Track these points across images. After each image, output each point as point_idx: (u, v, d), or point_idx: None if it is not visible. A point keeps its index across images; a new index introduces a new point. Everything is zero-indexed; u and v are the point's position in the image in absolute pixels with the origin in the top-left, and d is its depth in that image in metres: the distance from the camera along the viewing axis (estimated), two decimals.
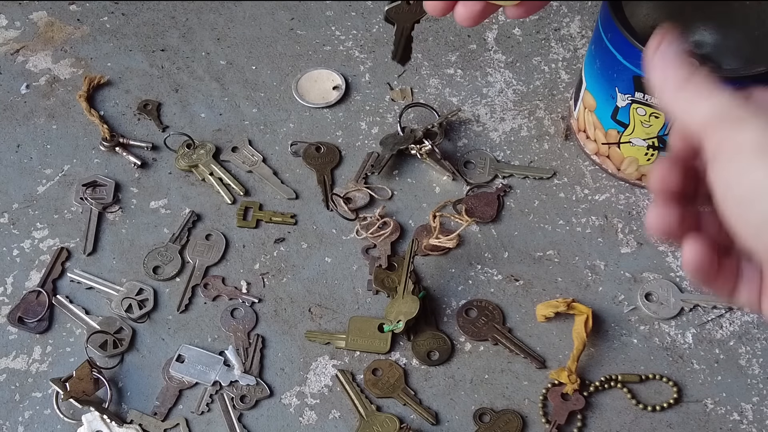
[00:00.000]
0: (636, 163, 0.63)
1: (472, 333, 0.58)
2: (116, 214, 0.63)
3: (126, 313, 0.58)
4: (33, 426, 0.54)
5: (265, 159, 0.66)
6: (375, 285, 0.59)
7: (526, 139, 0.68)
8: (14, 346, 0.57)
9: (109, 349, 0.57)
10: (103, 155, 0.66)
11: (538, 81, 0.71)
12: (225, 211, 0.64)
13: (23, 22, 0.74)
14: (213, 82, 0.71)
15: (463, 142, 0.68)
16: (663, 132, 0.59)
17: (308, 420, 0.55)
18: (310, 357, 0.57)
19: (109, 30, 0.73)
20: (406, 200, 0.65)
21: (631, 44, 0.56)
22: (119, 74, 0.71)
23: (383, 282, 0.59)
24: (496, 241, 0.62)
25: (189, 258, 0.61)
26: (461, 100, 0.70)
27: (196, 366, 0.56)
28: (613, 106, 0.60)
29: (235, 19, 0.75)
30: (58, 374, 0.55)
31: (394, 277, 0.59)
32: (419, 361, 0.57)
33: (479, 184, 0.65)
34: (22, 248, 0.61)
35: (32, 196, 0.64)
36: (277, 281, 0.60)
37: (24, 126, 0.67)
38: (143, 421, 0.54)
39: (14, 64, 0.71)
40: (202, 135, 0.67)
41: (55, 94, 0.69)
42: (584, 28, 0.74)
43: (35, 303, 0.59)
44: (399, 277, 0.58)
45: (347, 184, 0.65)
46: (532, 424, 0.55)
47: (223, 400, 0.55)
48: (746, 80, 0.55)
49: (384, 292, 0.59)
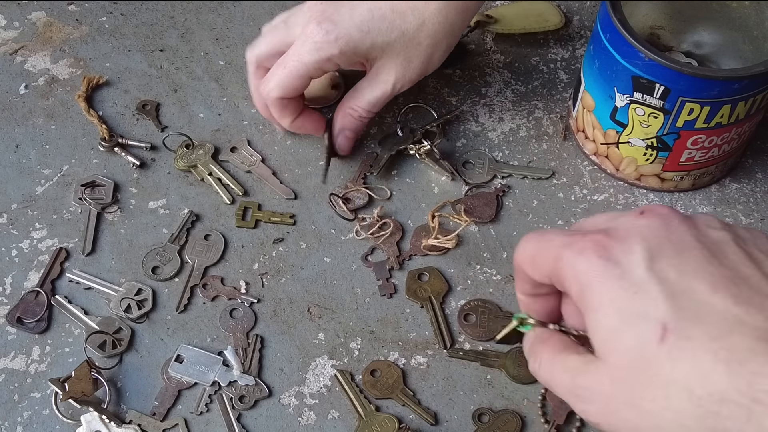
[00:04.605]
0: (635, 163, 0.63)
1: (472, 333, 0.58)
2: (115, 214, 0.63)
3: (125, 313, 0.58)
4: (32, 426, 0.54)
5: (264, 159, 0.66)
6: (407, 295, 0.60)
7: (524, 139, 0.68)
8: (13, 347, 0.57)
9: (108, 349, 0.57)
10: (101, 155, 0.66)
11: (536, 81, 0.71)
12: (224, 211, 0.64)
13: (22, 22, 0.74)
14: (212, 82, 0.70)
15: (461, 142, 0.68)
16: (662, 132, 0.59)
17: (307, 420, 0.55)
18: (309, 357, 0.57)
19: (107, 30, 0.73)
20: (404, 200, 0.65)
21: (630, 44, 0.56)
22: (118, 74, 0.71)
23: (416, 293, 0.60)
24: (495, 241, 0.62)
25: (188, 258, 0.61)
26: (460, 100, 0.70)
27: (195, 366, 0.56)
28: (611, 106, 0.60)
29: (233, 19, 0.75)
30: (57, 374, 0.55)
31: (426, 287, 0.60)
32: None
33: (478, 184, 0.65)
34: (20, 248, 0.61)
35: (31, 196, 0.64)
36: (276, 281, 0.60)
37: (23, 126, 0.67)
38: (142, 421, 0.54)
39: (13, 65, 0.71)
40: (200, 135, 0.67)
41: (53, 94, 0.69)
42: (583, 28, 0.74)
43: (34, 303, 0.58)
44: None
45: (346, 184, 0.65)
46: (531, 424, 0.55)
47: (222, 400, 0.55)
48: (746, 80, 0.55)
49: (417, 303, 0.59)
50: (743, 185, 0.66)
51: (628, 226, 0.39)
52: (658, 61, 0.55)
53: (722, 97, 0.56)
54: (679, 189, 0.65)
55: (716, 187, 0.66)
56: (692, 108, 0.57)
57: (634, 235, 0.38)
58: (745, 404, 0.33)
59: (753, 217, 0.64)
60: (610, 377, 0.37)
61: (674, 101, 0.57)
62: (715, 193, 0.65)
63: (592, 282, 0.38)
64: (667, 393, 0.35)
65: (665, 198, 0.65)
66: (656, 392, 0.35)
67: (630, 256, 0.37)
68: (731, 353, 0.34)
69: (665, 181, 0.64)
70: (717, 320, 0.35)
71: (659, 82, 0.56)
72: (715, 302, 0.35)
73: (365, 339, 0.58)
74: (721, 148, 0.61)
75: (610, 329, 0.37)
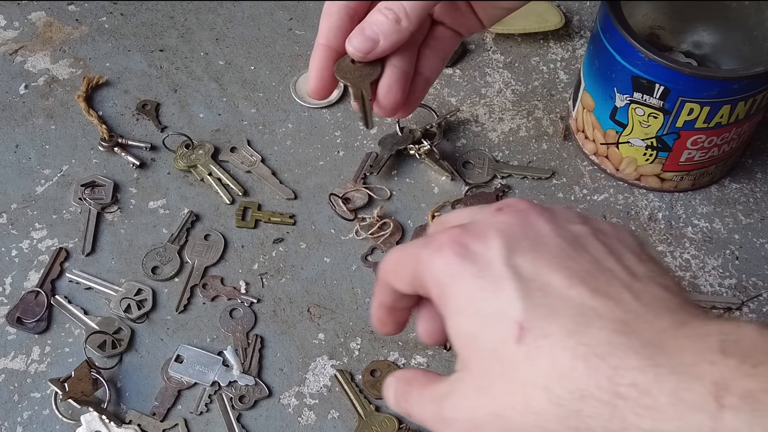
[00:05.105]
0: (635, 163, 0.63)
1: None
2: (115, 214, 0.63)
3: (125, 313, 0.58)
4: (32, 426, 0.54)
5: (263, 159, 0.66)
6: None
7: (524, 139, 0.68)
8: (13, 347, 0.57)
9: (108, 349, 0.57)
10: (101, 155, 0.66)
11: (536, 81, 0.71)
12: (224, 212, 0.64)
13: (22, 22, 0.74)
14: (212, 82, 0.70)
15: (461, 142, 0.68)
16: (662, 132, 0.59)
17: (307, 420, 0.55)
18: (309, 357, 0.57)
19: (107, 30, 0.73)
20: (404, 200, 0.65)
21: (630, 44, 0.56)
22: (118, 74, 0.71)
23: None
24: None
25: (188, 258, 0.61)
26: (460, 100, 0.70)
27: (194, 366, 0.56)
28: (611, 106, 0.60)
29: (233, 19, 0.75)
30: (57, 374, 0.55)
31: None
32: None
33: (478, 184, 0.65)
34: (20, 248, 0.61)
35: (31, 196, 0.64)
36: (276, 281, 0.60)
37: (22, 126, 0.67)
38: (142, 421, 0.54)
39: (13, 65, 0.71)
40: (200, 135, 0.67)
41: (53, 94, 0.69)
42: (583, 29, 0.74)
43: (34, 303, 0.58)
44: None
45: (346, 184, 0.65)
46: None
47: (221, 400, 0.55)
48: (746, 80, 0.55)
49: None
50: (743, 185, 0.66)
51: (486, 222, 0.38)
52: (657, 61, 0.55)
53: (722, 97, 0.56)
54: (679, 189, 0.65)
55: (716, 187, 0.66)
56: (692, 108, 0.57)
57: (491, 231, 0.37)
58: (607, 400, 0.32)
59: (753, 217, 0.64)
60: (473, 387, 0.35)
61: (674, 101, 0.57)
62: (715, 193, 0.65)
63: (449, 282, 0.36)
64: (526, 396, 0.34)
65: (665, 198, 0.65)
66: (517, 397, 0.34)
67: (487, 252, 0.36)
68: (590, 348, 0.33)
69: (665, 181, 0.64)
70: (574, 315, 0.34)
71: (659, 82, 0.56)
72: (572, 296, 0.34)
73: (365, 339, 0.58)
74: (720, 148, 0.61)
75: (469, 334, 0.36)
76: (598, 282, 0.35)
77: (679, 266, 0.61)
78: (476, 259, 0.36)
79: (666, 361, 0.32)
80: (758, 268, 0.61)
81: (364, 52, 0.47)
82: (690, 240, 0.63)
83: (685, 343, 0.33)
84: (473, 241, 0.37)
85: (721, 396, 0.31)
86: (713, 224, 0.64)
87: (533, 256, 0.36)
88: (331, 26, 0.48)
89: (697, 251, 0.62)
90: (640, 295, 0.35)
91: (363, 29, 0.47)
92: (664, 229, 0.63)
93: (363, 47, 0.47)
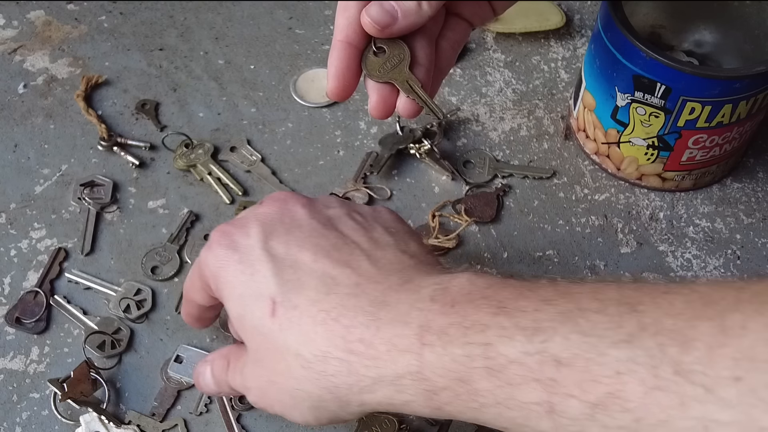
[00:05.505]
0: (636, 162, 0.63)
1: None
2: (114, 214, 0.63)
3: (124, 313, 0.58)
4: (31, 427, 0.54)
5: (263, 159, 0.66)
6: None
7: (525, 138, 0.68)
8: (12, 347, 0.57)
9: (107, 349, 0.56)
10: (100, 155, 0.66)
11: (537, 80, 0.71)
12: (223, 211, 0.63)
13: (21, 22, 0.73)
14: (211, 81, 0.70)
15: (462, 141, 0.67)
16: (663, 131, 0.59)
17: None
18: None
19: (107, 29, 0.73)
20: (405, 200, 0.64)
21: (631, 43, 0.56)
22: (117, 74, 0.70)
23: None
24: (496, 241, 0.62)
25: (187, 258, 0.61)
26: (460, 99, 0.70)
27: (194, 366, 0.56)
28: (612, 105, 0.60)
29: (233, 18, 0.74)
30: (56, 375, 0.55)
31: None
32: None
33: (478, 184, 0.65)
34: (19, 248, 0.61)
35: (30, 196, 0.64)
36: None
37: (21, 126, 0.67)
38: (141, 421, 0.54)
39: (11, 64, 0.71)
40: (200, 134, 0.67)
41: (52, 93, 0.69)
42: (584, 28, 0.74)
43: (33, 303, 0.58)
44: None
45: (346, 183, 0.65)
46: None
47: (221, 400, 0.55)
48: (747, 79, 0.55)
49: None
50: (745, 185, 0.66)
51: (248, 214, 0.42)
52: (659, 60, 0.55)
53: (724, 97, 0.56)
54: (681, 188, 0.65)
55: (718, 187, 0.66)
56: (693, 107, 0.57)
57: (252, 221, 0.41)
58: (343, 357, 0.36)
59: (754, 217, 0.64)
60: (253, 361, 0.40)
61: (675, 100, 0.56)
62: (717, 192, 0.65)
63: (218, 272, 0.41)
64: (286, 364, 0.38)
65: (666, 197, 0.65)
66: (280, 365, 0.38)
67: (248, 240, 0.40)
68: (327, 313, 0.37)
69: (666, 180, 0.64)
70: (317, 285, 0.38)
71: (660, 81, 0.56)
72: (316, 269, 0.38)
73: None
74: (722, 147, 0.61)
75: (239, 316, 0.40)
76: (341, 253, 0.39)
77: (680, 266, 0.61)
78: (238, 247, 0.40)
79: (386, 314, 0.36)
80: (760, 268, 0.61)
81: (382, 25, 0.43)
82: (691, 240, 0.63)
83: (403, 296, 0.37)
84: (236, 232, 0.41)
85: (423, 336, 0.35)
86: (715, 224, 0.63)
87: (287, 239, 0.40)
88: (350, 21, 0.44)
89: (699, 251, 0.62)
90: (377, 260, 0.39)
91: (382, 3, 0.43)
92: (666, 228, 0.63)
93: (381, 20, 0.43)
